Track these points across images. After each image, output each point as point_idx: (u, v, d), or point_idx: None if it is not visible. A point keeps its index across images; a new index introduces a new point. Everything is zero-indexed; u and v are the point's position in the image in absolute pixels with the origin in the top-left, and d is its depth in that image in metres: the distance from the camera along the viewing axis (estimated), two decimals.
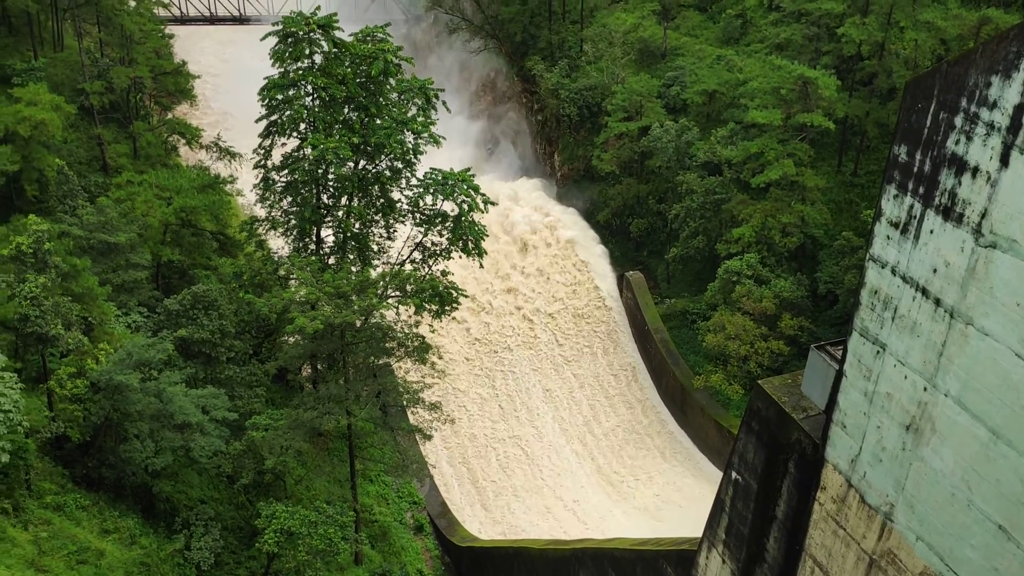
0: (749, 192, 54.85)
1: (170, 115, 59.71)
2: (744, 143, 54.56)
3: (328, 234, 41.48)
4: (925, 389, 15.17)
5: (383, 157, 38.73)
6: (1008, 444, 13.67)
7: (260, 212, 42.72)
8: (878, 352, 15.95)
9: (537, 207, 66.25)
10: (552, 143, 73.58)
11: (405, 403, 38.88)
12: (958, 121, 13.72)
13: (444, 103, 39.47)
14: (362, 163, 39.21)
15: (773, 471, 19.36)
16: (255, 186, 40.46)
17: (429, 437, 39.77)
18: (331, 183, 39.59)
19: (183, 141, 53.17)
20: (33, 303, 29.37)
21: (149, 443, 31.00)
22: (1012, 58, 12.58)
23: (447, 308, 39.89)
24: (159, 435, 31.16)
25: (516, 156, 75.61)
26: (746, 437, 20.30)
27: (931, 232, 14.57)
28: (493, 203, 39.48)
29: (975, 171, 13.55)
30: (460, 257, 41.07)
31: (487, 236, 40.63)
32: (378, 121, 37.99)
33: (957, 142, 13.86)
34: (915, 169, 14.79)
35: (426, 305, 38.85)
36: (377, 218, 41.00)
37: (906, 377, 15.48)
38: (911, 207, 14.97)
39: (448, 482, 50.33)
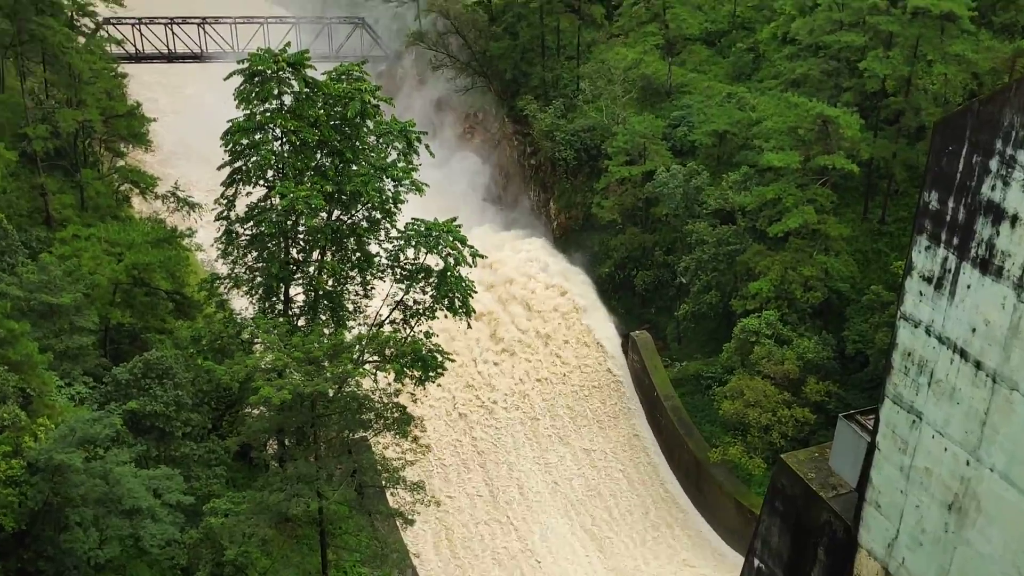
0: (766, 242, 55.26)
1: (122, 162, 59.76)
2: (759, 188, 55.11)
3: (297, 292, 41.43)
4: (968, 463, 15.11)
5: (360, 207, 38.97)
6: None
7: (222, 269, 42.69)
8: (914, 422, 15.88)
9: (531, 260, 66.50)
10: (547, 189, 74.14)
11: (384, 483, 38.38)
12: (993, 165, 13.86)
13: (427, 147, 39.72)
14: (336, 213, 39.37)
15: (800, 558, 19.13)
16: (216, 240, 40.57)
17: (411, 522, 39.26)
18: (301, 236, 39.70)
19: (136, 191, 53.35)
20: None
21: (93, 532, 30.47)
22: None
23: (431, 374, 39.68)
24: (105, 522, 30.64)
25: (507, 204, 76.15)
26: (769, 518, 20.13)
27: (968, 287, 14.61)
28: (482, 256, 39.65)
29: (1014, 220, 13.65)
30: (445, 317, 41.02)
31: (475, 293, 40.71)
32: (354, 167, 38.27)
33: (993, 187, 13.99)
34: (948, 217, 14.88)
35: (407, 371, 38.67)
36: (353, 274, 41.01)
37: (946, 450, 15.38)
38: (945, 259, 15.03)
39: (433, 574, 49.78)
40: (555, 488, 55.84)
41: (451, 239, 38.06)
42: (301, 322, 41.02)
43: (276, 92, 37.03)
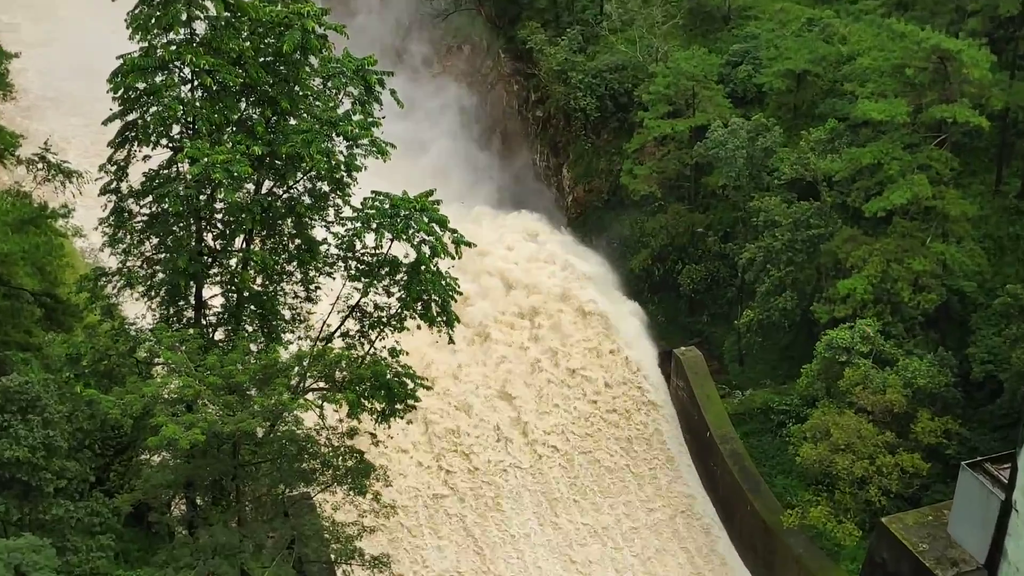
0: (861, 224, 55.39)
1: None
2: (852, 150, 55.17)
3: (214, 294, 41.42)
4: None
5: (300, 176, 38.92)
6: None
7: (109, 261, 42.55)
8: None
9: (537, 248, 66.42)
10: (559, 151, 74.18)
11: (334, 557, 38.32)
12: None
13: (394, 94, 39.61)
14: (268, 185, 39.39)
15: None
16: (102, 222, 40.36)
17: None
18: (219, 216, 39.69)
19: None
20: None
21: None
22: None
23: (399, 408, 39.86)
24: None
25: (503, 172, 76.07)
26: None
27: None
28: (470, 244, 39.38)
29: None
30: (419, 327, 41.06)
31: (460, 295, 40.61)
32: (292, 121, 38.25)
33: None
34: None
35: (366, 403, 38.81)
36: (290, 269, 41.13)
37: None
38: None
39: None
40: (574, 570, 55.81)
41: (426, 220, 37.75)
42: (219, 335, 41.06)
43: (185, 17, 36.44)
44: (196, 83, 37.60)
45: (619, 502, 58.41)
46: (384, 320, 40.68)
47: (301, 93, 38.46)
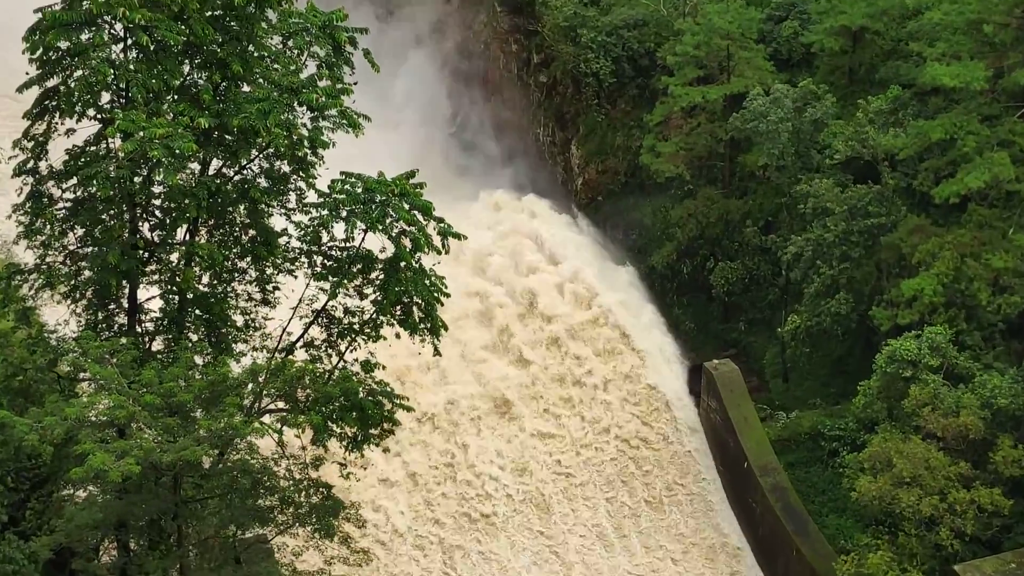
0: (930, 212, 55.90)
1: None
2: (919, 123, 55.32)
3: (152, 296, 41.42)
4: None
5: (254, 154, 38.96)
6: None
7: (26, 256, 42.72)
8: None
9: (538, 241, 66.48)
10: (567, 124, 74.30)
11: None
12: None
13: (367, 55, 39.69)
14: (216, 165, 39.48)
15: None
16: (16, 209, 40.34)
17: None
18: (158, 202, 39.66)
19: None
20: None
21: None
22: None
23: (373, 432, 40.06)
24: None
25: (499, 149, 76.06)
26: None
27: None
28: (459, 236, 39.46)
29: None
30: (398, 337, 41.19)
31: (448, 296, 40.57)
32: (246, 88, 38.24)
33: None
34: None
35: (334, 427, 38.97)
36: (243, 265, 41.27)
37: None
38: None
39: None
40: None
41: (406, 208, 37.82)
42: (158, 345, 41.05)
43: None
44: (130, 42, 37.12)
45: (637, 545, 58.31)
46: (356, 327, 40.71)
47: (256, 54, 38.41)
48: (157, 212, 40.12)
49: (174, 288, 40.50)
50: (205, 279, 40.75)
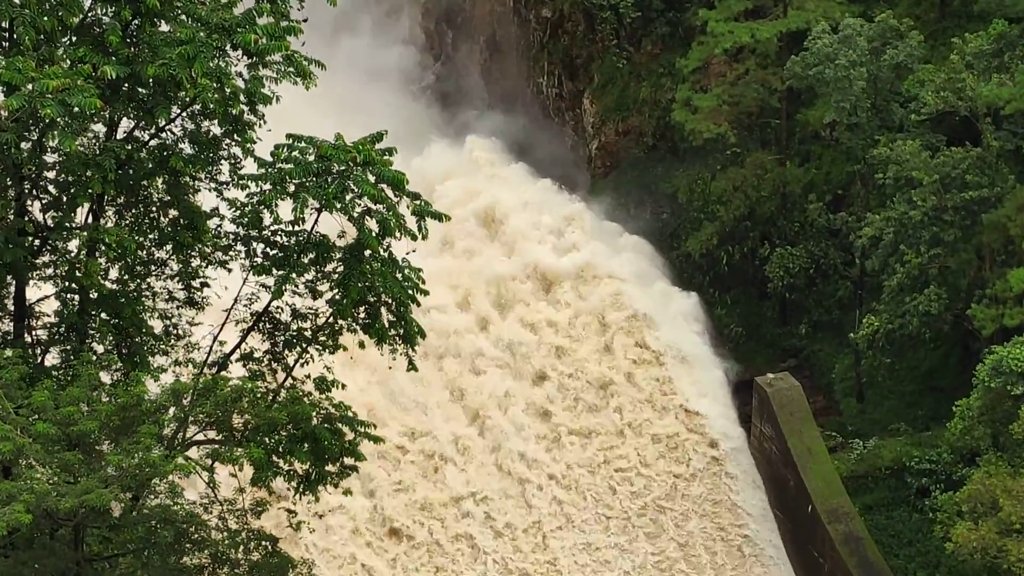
0: None
1: None
2: None
3: (45, 296, 40.89)
4: None
5: (176, 111, 38.32)
6: None
7: None
8: None
9: (544, 223, 66.53)
10: (578, 73, 74.38)
11: None
12: None
13: None
14: (126, 125, 38.81)
15: None
16: None
17: None
18: (52, 174, 39.38)
19: None
20: None
21: None
22: None
23: (331, 470, 39.60)
24: None
25: (491, 104, 76.10)
26: None
27: None
28: (440, 217, 39.01)
29: None
30: (362, 346, 40.84)
31: (426, 294, 40.03)
32: (164, 28, 37.51)
33: None
34: None
35: (280, 462, 38.22)
36: (162, 255, 40.60)
37: None
38: None
39: None
40: None
41: (371, 181, 37.06)
42: (52, 358, 40.33)
43: None
44: None
45: None
46: (307, 334, 40.00)
47: None
48: (51, 187, 38.73)
49: (73, 285, 39.34)
50: (113, 273, 39.19)
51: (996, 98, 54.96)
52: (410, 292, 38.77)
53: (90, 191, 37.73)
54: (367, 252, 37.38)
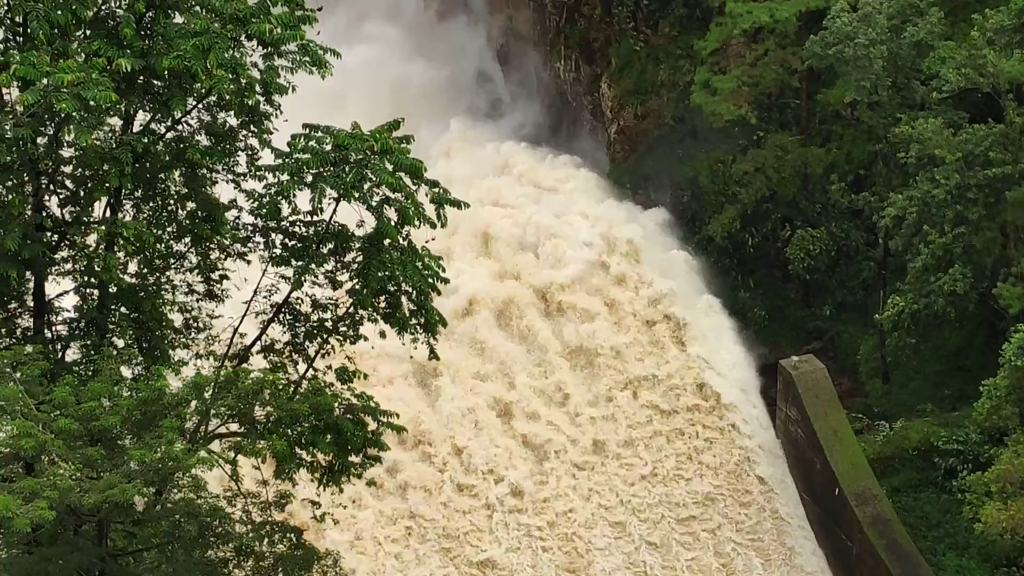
0: None
1: None
2: None
3: (64, 291, 40.84)
4: None
5: (192, 104, 38.06)
6: None
7: None
8: None
9: (562, 211, 66.58)
10: (595, 56, 74.21)
11: None
12: None
13: None
14: (143, 118, 38.45)
15: None
16: None
17: None
18: (69, 169, 39.15)
19: None
20: None
21: None
22: None
23: (354, 461, 39.94)
24: None
25: (507, 89, 76.07)
26: None
27: None
28: (458, 204, 39.04)
29: None
30: (382, 336, 40.97)
31: (446, 282, 40.32)
32: (179, 19, 37.19)
33: None
34: None
35: (303, 454, 38.54)
36: (181, 248, 40.61)
37: None
38: None
39: None
40: None
41: (389, 169, 37.15)
42: (73, 353, 40.27)
43: None
44: None
45: None
46: (328, 325, 40.23)
47: None
48: (68, 182, 38.82)
49: (92, 280, 39.38)
50: (132, 267, 39.26)
51: (1018, 74, 54.97)
52: (430, 281, 38.28)
53: (107, 185, 37.80)
54: (386, 241, 36.95)
